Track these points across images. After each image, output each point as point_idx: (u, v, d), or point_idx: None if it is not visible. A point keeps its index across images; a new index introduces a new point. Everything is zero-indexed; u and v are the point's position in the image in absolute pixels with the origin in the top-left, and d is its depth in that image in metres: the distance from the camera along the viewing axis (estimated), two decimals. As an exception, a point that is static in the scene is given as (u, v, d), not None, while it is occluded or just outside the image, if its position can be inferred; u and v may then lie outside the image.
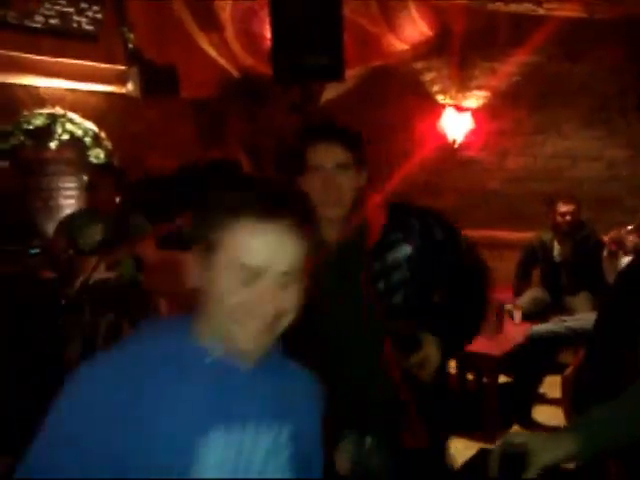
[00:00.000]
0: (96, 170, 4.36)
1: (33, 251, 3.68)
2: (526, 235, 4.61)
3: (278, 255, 0.87)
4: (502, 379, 4.02)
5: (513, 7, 4.85)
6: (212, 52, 5.48)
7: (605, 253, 3.50)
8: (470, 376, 4.09)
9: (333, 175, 1.61)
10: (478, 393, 3.93)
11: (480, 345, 3.66)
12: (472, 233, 5.61)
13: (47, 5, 4.83)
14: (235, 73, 5.66)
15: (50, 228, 4.83)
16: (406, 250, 1.66)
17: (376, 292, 1.64)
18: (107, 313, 3.54)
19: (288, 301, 0.90)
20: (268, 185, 0.95)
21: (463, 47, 5.49)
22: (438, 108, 5.58)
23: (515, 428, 3.72)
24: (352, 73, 5.16)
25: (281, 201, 0.89)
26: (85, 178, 5.09)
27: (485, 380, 3.86)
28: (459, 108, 5.47)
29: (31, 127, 4.93)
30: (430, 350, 1.61)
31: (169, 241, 3.80)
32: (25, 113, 4.93)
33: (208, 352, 0.92)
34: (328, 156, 1.63)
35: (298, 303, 0.92)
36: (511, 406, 3.86)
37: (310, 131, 1.74)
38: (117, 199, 3.68)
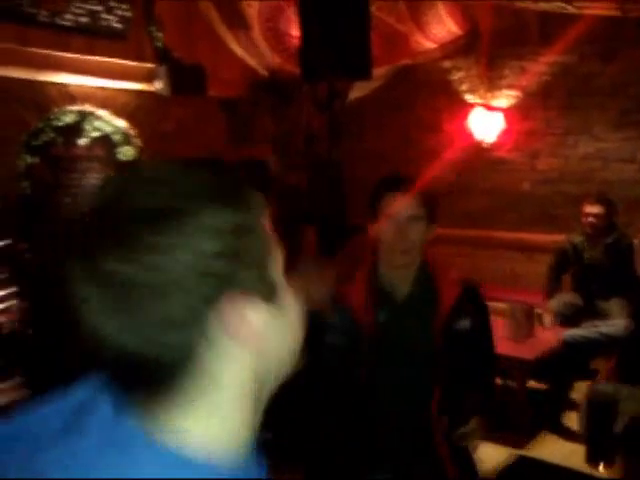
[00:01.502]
0: (125, 167, 4.38)
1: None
2: (557, 238, 4.55)
3: None
4: (532, 384, 3.97)
5: (542, 5, 4.78)
6: (239, 51, 5.48)
7: (638, 257, 3.43)
8: (499, 380, 4.04)
9: (406, 225, 1.71)
10: (507, 397, 3.88)
11: (510, 348, 3.62)
12: (502, 235, 5.61)
13: (77, 4, 4.85)
14: (262, 72, 5.66)
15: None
16: (467, 324, 1.82)
17: (442, 351, 1.79)
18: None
19: None
20: None
21: (492, 46, 5.43)
22: (467, 108, 5.53)
23: (544, 434, 3.67)
24: (380, 72, 5.13)
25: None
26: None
27: (515, 384, 3.81)
28: (488, 107, 5.40)
29: (61, 124, 4.97)
30: (476, 425, 1.84)
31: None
32: (55, 110, 4.98)
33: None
34: (402, 207, 1.72)
35: None
36: (541, 411, 3.81)
37: (388, 181, 1.82)
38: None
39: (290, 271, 0.64)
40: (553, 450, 3.49)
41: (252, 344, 0.55)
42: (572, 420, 3.74)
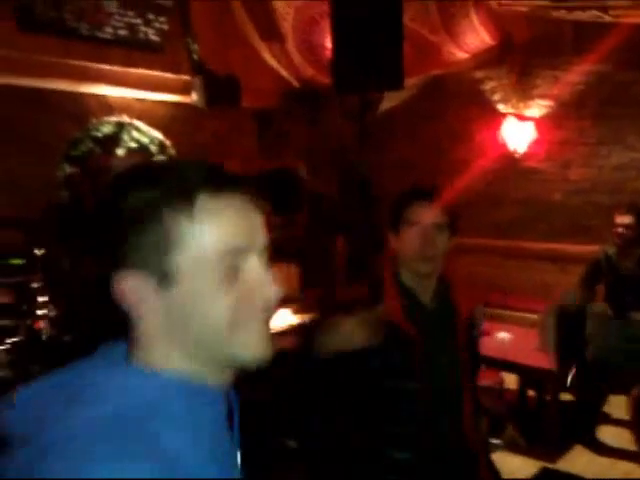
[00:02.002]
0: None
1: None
2: (589, 248, 4.49)
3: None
4: (566, 396, 3.93)
5: (577, 14, 4.75)
6: (273, 62, 5.56)
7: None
8: (531, 392, 4.01)
9: (432, 233, 1.75)
10: (539, 410, 3.85)
11: (541, 360, 3.60)
12: (534, 246, 5.57)
13: (116, 17, 4.96)
14: (295, 83, 5.72)
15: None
16: (476, 333, 1.94)
17: (466, 356, 1.85)
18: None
19: None
20: None
21: (525, 55, 5.41)
22: (499, 117, 5.51)
23: (577, 448, 3.63)
24: (412, 82, 5.15)
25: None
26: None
27: (546, 396, 3.78)
28: (521, 117, 5.38)
29: (100, 135, 5.09)
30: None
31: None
32: (94, 121, 5.11)
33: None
34: (428, 215, 1.76)
35: None
36: (574, 425, 3.77)
37: (412, 190, 1.86)
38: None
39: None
40: (586, 465, 3.44)
41: (137, 311, 0.74)
42: (607, 434, 3.69)
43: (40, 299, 3.43)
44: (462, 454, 1.81)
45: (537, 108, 5.39)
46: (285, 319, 3.77)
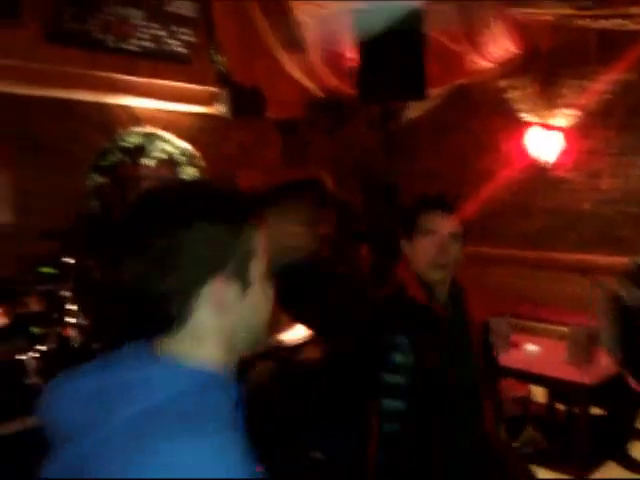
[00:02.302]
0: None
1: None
2: (619, 260, 4.42)
3: None
4: (594, 410, 3.86)
5: (602, 23, 4.71)
6: (297, 73, 5.59)
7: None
8: (560, 406, 3.95)
9: (447, 242, 1.79)
10: (568, 424, 3.79)
11: (570, 373, 3.54)
12: (563, 257, 5.49)
13: (142, 29, 5.02)
14: (319, 93, 5.75)
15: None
16: (490, 339, 2.00)
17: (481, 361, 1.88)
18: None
19: None
20: None
21: (550, 64, 5.37)
22: (524, 127, 5.47)
23: (607, 464, 3.56)
24: (436, 91, 5.15)
25: None
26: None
27: (576, 410, 3.72)
28: (546, 127, 5.33)
29: (128, 145, 5.17)
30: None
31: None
32: (122, 132, 5.18)
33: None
34: (445, 224, 1.81)
35: None
36: (603, 439, 3.70)
37: (429, 199, 1.90)
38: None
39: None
40: (616, 481, 3.38)
41: (223, 311, 0.84)
42: (637, 450, 3.63)
43: (70, 307, 3.49)
44: (485, 458, 1.81)
45: (563, 117, 5.34)
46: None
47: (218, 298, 0.83)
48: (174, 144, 5.37)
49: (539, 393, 4.02)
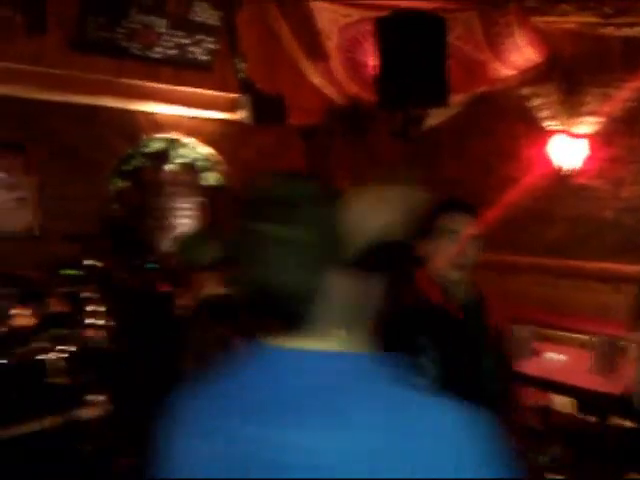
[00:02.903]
0: (210, 192, 4.55)
1: (150, 266, 3.88)
2: (643, 268, 4.37)
3: None
4: (616, 421, 3.79)
5: (626, 30, 4.67)
6: (318, 80, 5.63)
7: None
8: (586, 416, 3.88)
9: (467, 243, 1.81)
10: (590, 434, 3.73)
11: (593, 382, 3.49)
12: (585, 265, 5.42)
13: (166, 37, 5.10)
14: (340, 100, 5.77)
15: (165, 245, 5.10)
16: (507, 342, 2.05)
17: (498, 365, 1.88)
18: (217, 327, 3.65)
19: None
20: None
21: (573, 72, 5.33)
22: (547, 135, 5.43)
23: (630, 476, 3.49)
24: (457, 99, 5.14)
25: None
26: (199, 199, 5.34)
27: (597, 420, 3.66)
28: (569, 134, 5.29)
29: (150, 150, 5.24)
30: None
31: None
32: (145, 137, 5.26)
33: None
34: (466, 225, 1.82)
35: None
36: (626, 451, 3.63)
37: (451, 200, 1.91)
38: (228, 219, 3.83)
39: None
40: (639, 493, 3.31)
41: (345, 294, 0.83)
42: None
43: (94, 309, 3.54)
44: None
45: (586, 125, 5.29)
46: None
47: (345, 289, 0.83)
48: (196, 150, 5.43)
49: (560, 402, 3.96)
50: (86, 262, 3.63)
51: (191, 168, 5.44)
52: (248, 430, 0.77)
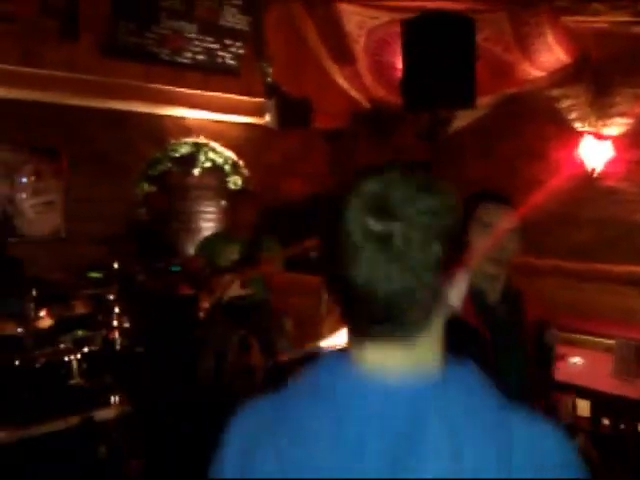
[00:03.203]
0: (235, 195, 4.60)
1: (174, 269, 3.95)
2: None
3: None
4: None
5: (657, 31, 4.57)
6: (344, 84, 5.63)
7: None
8: (606, 421, 3.81)
9: (505, 236, 1.74)
10: (615, 440, 3.65)
11: (617, 387, 3.43)
12: (613, 268, 5.32)
13: (195, 42, 5.17)
14: (366, 104, 5.77)
15: (189, 248, 5.18)
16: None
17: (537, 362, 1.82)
18: (238, 328, 3.70)
19: None
20: None
21: (603, 73, 5.24)
22: (576, 136, 5.34)
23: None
24: (485, 100, 5.09)
25: None
26: (224, 203, 5.40)
27: (623, 426, 3.59)
28: (599, 136, 5.19)
29: (177, 155, 5.32)
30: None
31: (297, 264, 3.92)
32: (172, 142, 5.34)
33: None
34: (503, 217, 1.75)
35: None
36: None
37: (488, 193, 1.85)
38: (253, 222, 3.88)
39: None
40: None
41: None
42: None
43: (116, 311, 3.62)
44: None
45: (616, 126, 5.19)
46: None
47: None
48: (222, 154, 5.50)
49: (580, 406, 3.89)
50: (111, 265, 3.70)
51: (217, 172, 5.50)
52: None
